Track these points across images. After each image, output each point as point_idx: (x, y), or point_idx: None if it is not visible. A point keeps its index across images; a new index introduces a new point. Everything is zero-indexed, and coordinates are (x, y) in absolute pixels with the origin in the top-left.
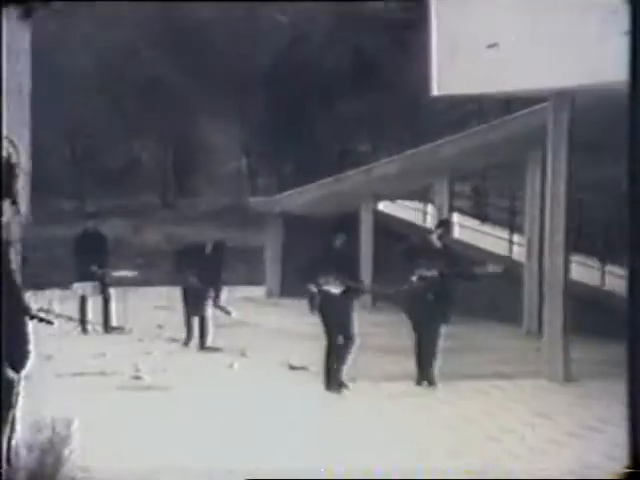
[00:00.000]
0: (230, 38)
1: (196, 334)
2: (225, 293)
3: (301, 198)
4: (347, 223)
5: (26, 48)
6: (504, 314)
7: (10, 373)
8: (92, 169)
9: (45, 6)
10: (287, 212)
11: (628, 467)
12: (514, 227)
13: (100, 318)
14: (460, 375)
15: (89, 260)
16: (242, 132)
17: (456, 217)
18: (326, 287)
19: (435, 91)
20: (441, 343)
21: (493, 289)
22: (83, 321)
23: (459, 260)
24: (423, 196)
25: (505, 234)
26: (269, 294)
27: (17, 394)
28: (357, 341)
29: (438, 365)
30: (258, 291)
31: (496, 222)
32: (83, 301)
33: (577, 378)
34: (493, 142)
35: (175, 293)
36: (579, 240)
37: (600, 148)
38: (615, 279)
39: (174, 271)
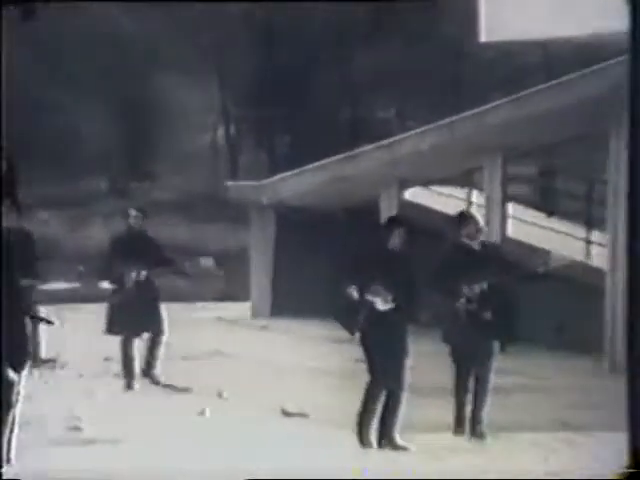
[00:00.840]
0: None
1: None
2: (193, 311)
3: (299, 184)
4: (403, 219)
5: None
6: (577, 342)
7: (10, 373)
8: (20, 145)
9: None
10: (280, 203)
11: (628, 467)
12: (593, 222)
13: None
14: (516, 424)
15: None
16: (219, 92)
17: (512, 209)
18: (372, 299)
19: (483, 37)
20: (493, 380)
21: (562, 307)
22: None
23: (509, 265)
24: (467, 181)
25: (580, 232)
26: (255, 313)
27: (17, 394)
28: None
29: (487, 410)
30: (241, 309)
31: (568, 216)
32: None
33: None
34: (565, 106)
35: None
36: None
37: None
38: None
39: (104, 270)
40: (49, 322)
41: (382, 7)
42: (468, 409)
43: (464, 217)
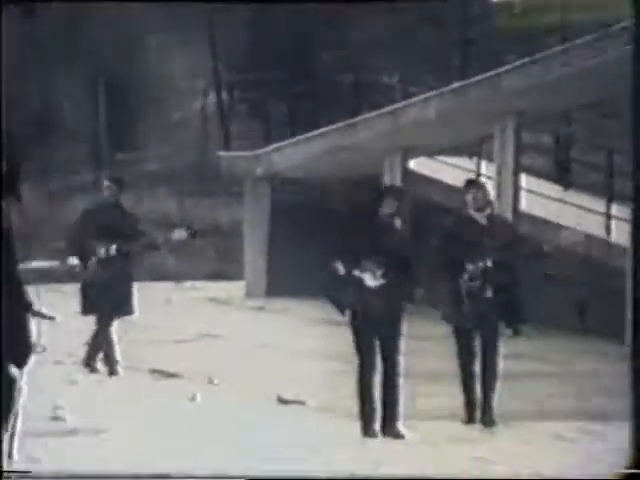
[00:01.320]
0: None
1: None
2: (182, 290)
3: (296, 154)
4: (398, 188)
5: None
6: (597, 325)
7: (12, 369)
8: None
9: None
10: (276, 175)
11: (628, 467)
12: (614, 195)
13: None
14: (532, 412)
15: None
16: (209, 55)
17: (525, 181)
18: (360, 275)
19: None
20: (501, 364)
21: (581, 288)
22: None
23: (519, 239)
24: (476, 150)
25: (600, 205)
26: (250, 293)
27: (19, 390)
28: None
29: (497, 397)
30: (234, 289)
31: (587, 188)
32: None
33: None
34: (584, 69)
35: None
36: None
37: None
38: None
39: (73, 245)
40: (51, 318)
41: None
42: (478, 395)
43: (471, 186)
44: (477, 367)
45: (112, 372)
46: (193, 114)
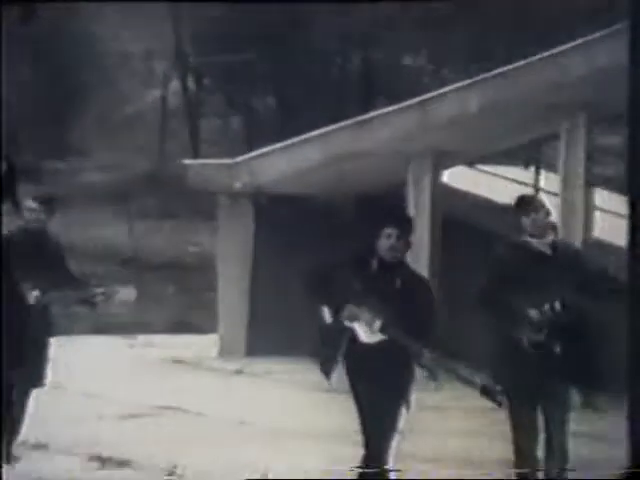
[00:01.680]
0: None
1: None
2: (134, 347)
3: (287, 163)
4: (401, 212)
5: None
6: None
7: (10, 372)
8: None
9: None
10: (260, 190)
11: (628, 467)
12: None
13: None
14: None
15: None
16: (171, 32)
17: (599, 197)
18: (354, 324)
19: None
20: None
21: None
22: None
23: (591, 274)
24: (534, 157)
25: None
26: (225, 351)
27: (17, 392)
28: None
29: None
30: (203, 345)
31: None
32: None
33: None
34: None
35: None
36: None
37: None
38: None
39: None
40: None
41: None
42: None
43: (527, 204)
44: (540, 452)
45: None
46: (149, 107)
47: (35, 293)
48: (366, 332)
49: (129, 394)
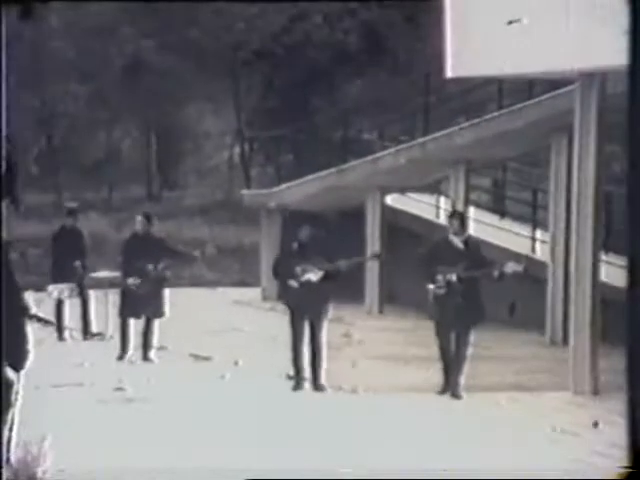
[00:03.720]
0: (220, 13)
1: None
2: (215, 295)
3: (300, 191)
4: (314, 216)
5: None
6: (525, 321)
7: (10, 373)
8: (69, 160)
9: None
10: (284, 207)
11: (628, 467)
12: (537, 223)
13: (78, 323)
14: (476, 387)
15: (66, 260)
16: (234, 118)
17: (473, 212)
18: (305, 277)
19: (449, 73)
20: (470, 350)
21: (512, 293)
22: (60, 327)
23: (483, 259)
24: (436, 189)
25: (527, 231)
26: (265, 297)
27: (16, 393)
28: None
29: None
30: (253, 293)
31: (517, 217)
32: (59, 305)
33: (607, 391)
34: (514, 129)
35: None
36: (609, 238)
37: None
38: None
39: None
40: (48, 322)
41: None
42: (451, 374)
43: (452, 215)
44: (452, 352)
45: (122, 357)
46: (222, 161)
47: (150, 266)
48: (314, 276)
49: (210, 319)
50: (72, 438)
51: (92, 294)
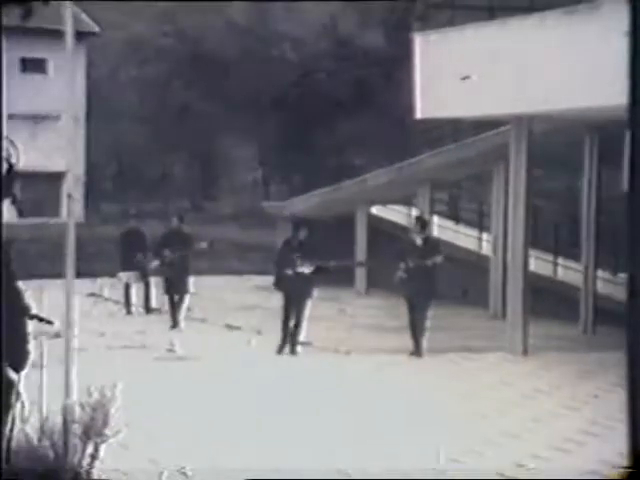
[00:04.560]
0: (248, 71)
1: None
2: (242, 281)
3: (306, 203)
4: (307, 221)
5: (81, 80)
6: (474, 300)
7: (10, 373)
8: (135, 179)
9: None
10: (294, 215)
11: (628, 467)
12: (483, 227)
13: (142, 301)
14: (436, 349)
15: (131, 253)
16: (258, 148)
17: (436, 219)
18: (299, 269)
19: (418, 114)
20: (429, 321)
21: (465, 279)
22: (128, 304)
23: (437, 253)
24: (409, 201)
25: (475, 233)
26: None
27: (17, 394)
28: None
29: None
30: (270, 280)
31: (468, 223)
32: (127, 287)
33: (534, 352)
34: (466, 157)
35: (201, 282)
36: (535, 238)
37: (554, 164)
38: (565, 270)
39: (154, 254)
40: (49, 322)
41: (362, 92)
42: (416, 339)
43: (419, 219)
44: (414, 323)
45: (174, 325)
46: (249, 181)
47: (176, 254)
48: (307, 269)
49: (237, 299)
50: (136, 387)
51: (152, 280)
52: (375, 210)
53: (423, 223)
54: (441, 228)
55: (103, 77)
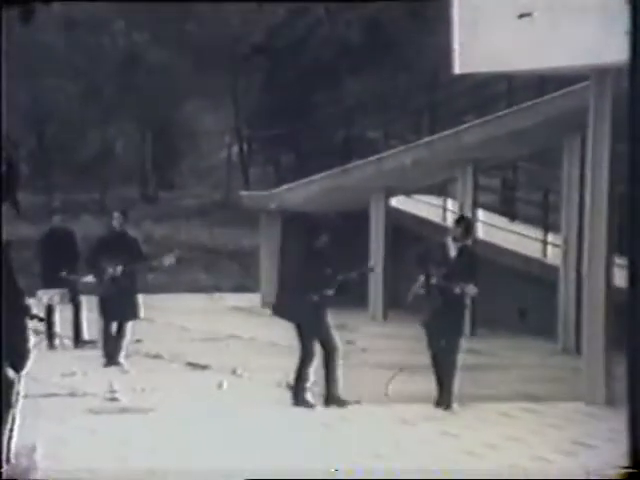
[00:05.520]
0: (218, 8)
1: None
2: (212, 300)
3: (301, 193)
4: (329, 222)
5: None
6: (536, 327)
7: (10, 373)
8: (61, 159)
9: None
10: (285, 209)
11: (628, 467)
12: (548, 226)
13: (69, 330)
14: (484, 396)
15: (56, 263)
16: (233, 116)
17: (481, 214)
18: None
19: (457, 69)
20: (461, 359)
21: (523, 297)
22: (50, 334)
23: (469, 272)
24: (443, 190)
25: (538, 233)
26: (265, 303)
27: (17, 394)
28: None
29: (457, 384)
30: (252, 299)
31: (528, 220)
32: (49, 311)
33: (623, 401)
34: (525, 127)
35: (155, 302)
36: (623, 240)
37: None
38: None
39: (89, 265)
40: (41, 320)
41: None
42: (442, 384)
43: (463, 220)
44: (441, 360)
45: (115, 363)
46: (221, 162)
47: (119, 268)
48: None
49: (204, 327)
50: (65, 449)
51: (84, 301)
52: (396, 202)
53: (467, 226)
54: (489, 228)
55: (14, 15)
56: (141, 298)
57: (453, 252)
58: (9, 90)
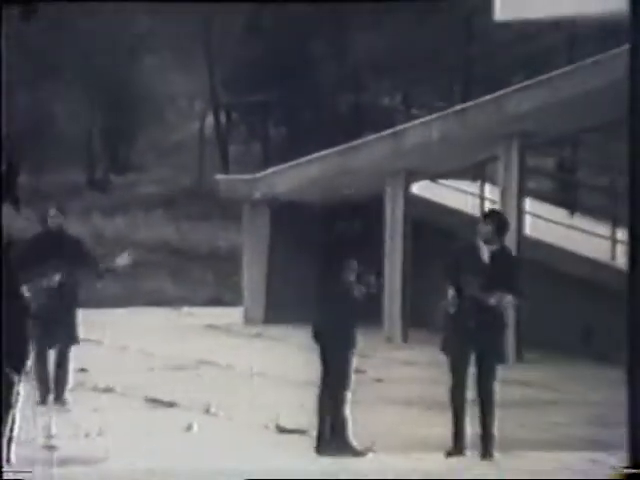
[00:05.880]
0: None
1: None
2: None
3: (295, 177)
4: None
5: None
6: (604, 348)
7: (10, 374)
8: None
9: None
10: (275, 198)
11: (628, 467)
12: (618, 219)
13: None
14: (534, 442)
15: None
16: (207, 75)
17: (530, 205)
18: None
19: (498, 14)
20: (498, 393)
21: (587, 311)
22: None
23: (512, 278)
24: (480, 174)
25: (606, 230)
26: (248, 320)
27: (17, 394)
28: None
29: (496, 427)
30: (232, 315)
31: (592, 212)
32: None
33: None
34: (589, 90)
35: (107, 318)
36: None
37: None
38: None
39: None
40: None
41: None
42: (467, 424)
43: (493, 215)
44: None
45: (43, 401)
46: (191, 136)
47: (56, 277)
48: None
49: (170, 351)
50: None
51: None
52: (419, 189)
53: (500, 223)
54: (540, 222)
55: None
56: (88, 313)
57: (486, 255)
58: None
